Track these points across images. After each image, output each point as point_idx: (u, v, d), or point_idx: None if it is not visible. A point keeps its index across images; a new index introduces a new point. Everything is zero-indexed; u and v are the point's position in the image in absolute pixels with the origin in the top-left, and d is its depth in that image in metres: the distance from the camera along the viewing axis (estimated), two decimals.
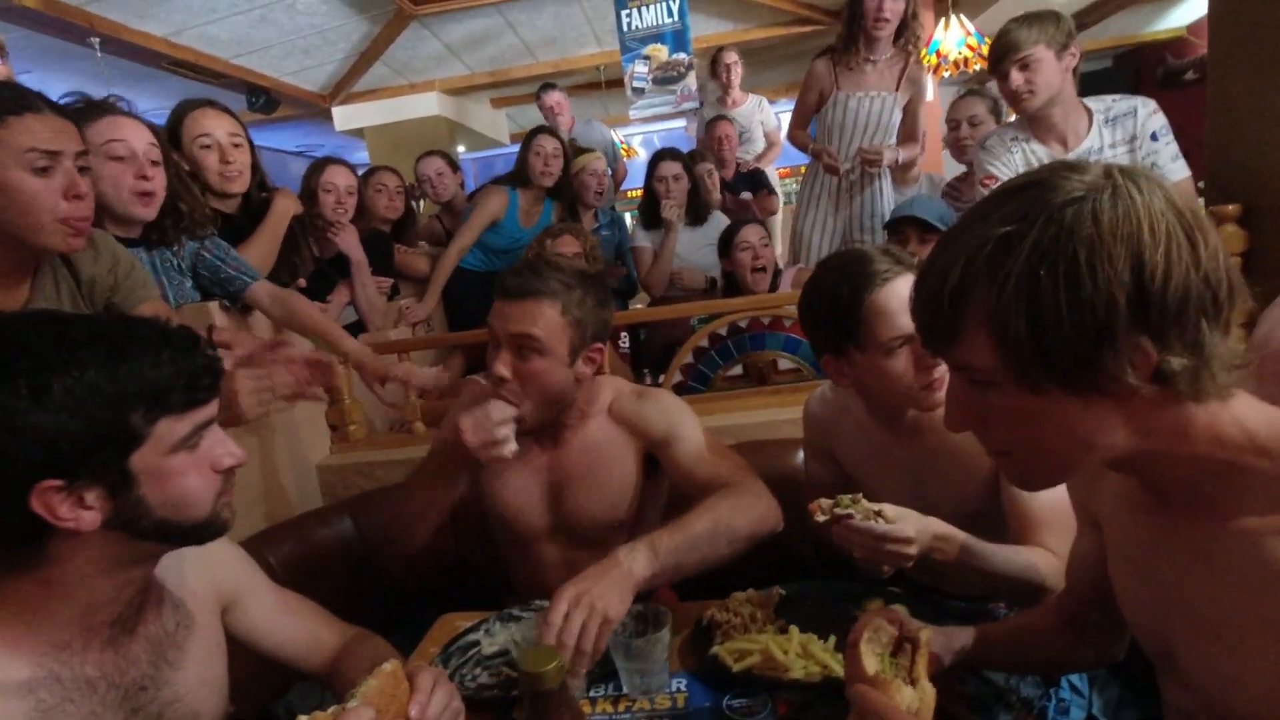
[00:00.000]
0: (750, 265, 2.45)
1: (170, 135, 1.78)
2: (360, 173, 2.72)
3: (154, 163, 1.44)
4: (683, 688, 0.98)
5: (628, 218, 3.97)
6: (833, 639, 0.99)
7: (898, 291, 1.07)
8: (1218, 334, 0.57)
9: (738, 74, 3.79)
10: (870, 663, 0.76)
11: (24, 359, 0.65)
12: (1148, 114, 1.85)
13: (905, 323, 1.04)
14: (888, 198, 2.70)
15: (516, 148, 4.11)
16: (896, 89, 2.60)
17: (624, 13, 4.53)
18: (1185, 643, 0.70)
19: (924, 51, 4.15)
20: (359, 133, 6.24)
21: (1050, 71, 1.81)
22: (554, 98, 3.98)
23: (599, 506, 1.29)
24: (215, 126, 1.78)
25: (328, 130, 6.38)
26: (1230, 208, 1.73)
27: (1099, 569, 0.83)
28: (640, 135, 8.64)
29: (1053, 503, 1.02)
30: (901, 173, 3.00)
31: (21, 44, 4.01)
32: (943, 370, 1.07)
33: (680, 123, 7.77)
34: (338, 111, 6.03)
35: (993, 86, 2.47)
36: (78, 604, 0.73)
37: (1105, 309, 0.55)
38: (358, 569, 1.63)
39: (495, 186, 2.87)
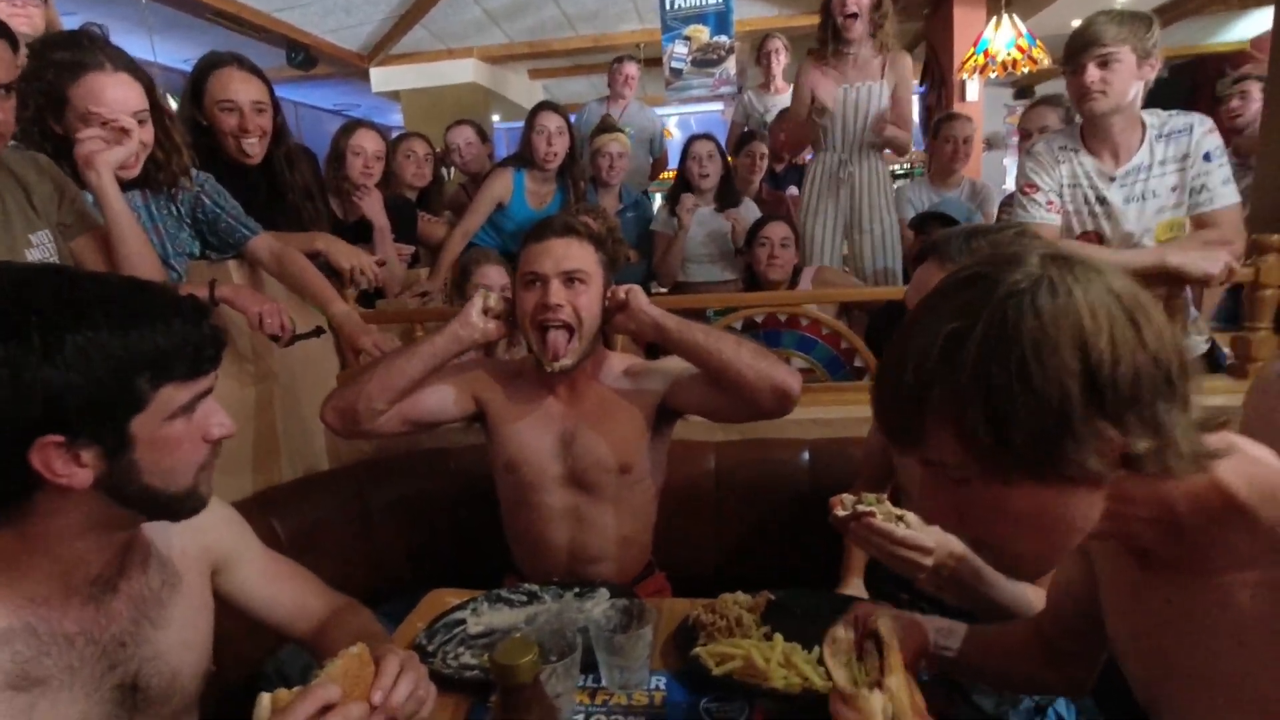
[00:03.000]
0: (765, 261, 2.43)
1: (194, 89, 1.77)
2: (392, 137, 2.72)
3: (141, 123, 1.39)
4: (661, 686, 0.98)
5: (658, 199, 3.91)
6: (817, 650, 0.98)
7: None
8: (1176, 412, 0.57)
9: (780, 62, 3.71)
10: (839, 675, 0.75)
11: (38, 314, 0.65)
12: (1203, 133, 1.76)
13: None
14: (884, 188, 2.71)
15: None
16: (881, 78, 2.62)
17: None
18: (1169, 695, 0.69)
19: (971, 50, 4.06)
20: (395, 95, 6.24)
21: (1128, 75, 1.71)
22: (631, 69, 3.84)
23: (605, 449, 1.37)
24: (240, 91, 1.74)
25: (364, 90, 6.37)
26: (1275, 238, 1.67)
27: (1080, 598, 0.83)
28: (676, 116, 8.55)
29: None
30: (942, 176, 2.94)
31: None
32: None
33: (718, 105, 7.68)
34: (375, 73, 6.02)
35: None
36: (57, 560, 0.74)
37: (1059, 398, 0.55)
38: (358, 536, 1.65)
39: (499, 168, 2.77)
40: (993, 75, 4.11)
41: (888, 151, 2.76)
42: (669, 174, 5.77)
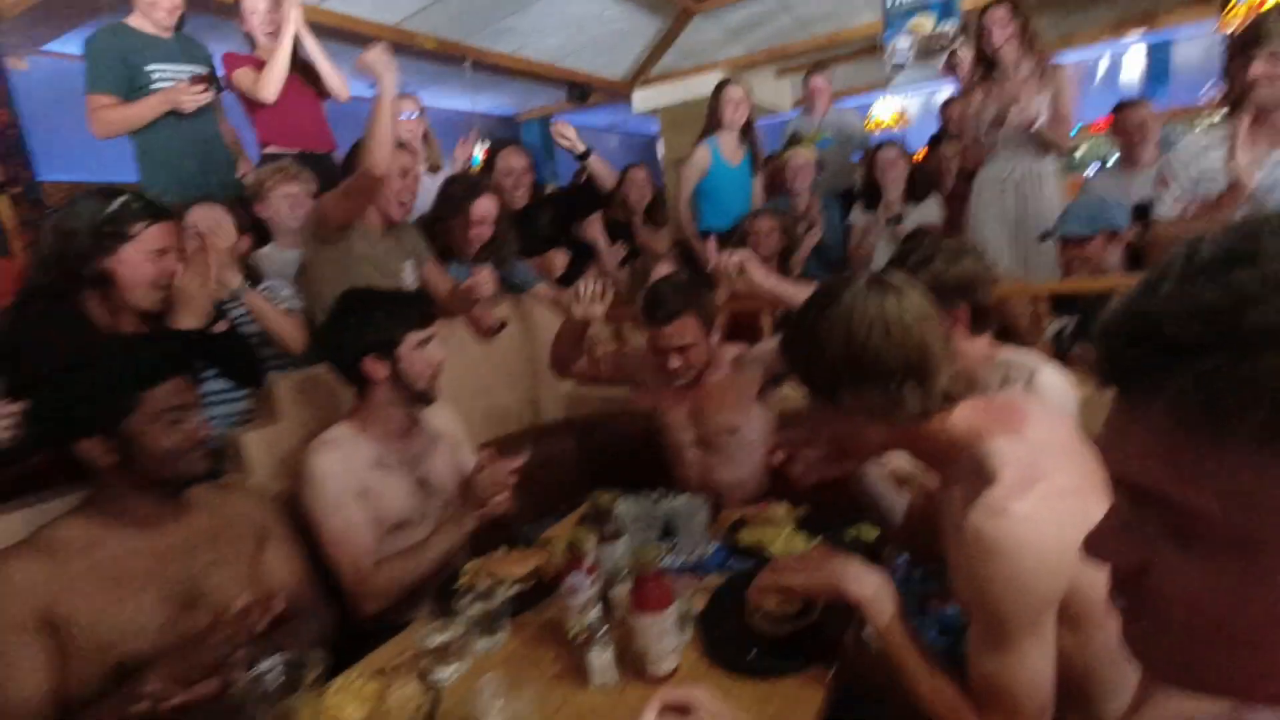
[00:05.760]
0: None
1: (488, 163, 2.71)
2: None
3: None
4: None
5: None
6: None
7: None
8: (911, 384, 0.94)
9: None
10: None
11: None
12: None
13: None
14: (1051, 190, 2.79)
15: (795, 113, 4.46)
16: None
17: None
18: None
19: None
20: (654, 111, 7.17)
21: None
22: (819, 82, 4.16)
23: (724, 416, 1.95)
24: (513, 160, 2.70)
25: (626, 110, 7.41)
26: None
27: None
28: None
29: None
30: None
31: (407, 68, 5.54)
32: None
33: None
34: (637, 95, 6.99)
35: None
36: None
37: (831, 368, 0.98)
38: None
39: (696, 146, 3.45)
40: None
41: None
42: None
